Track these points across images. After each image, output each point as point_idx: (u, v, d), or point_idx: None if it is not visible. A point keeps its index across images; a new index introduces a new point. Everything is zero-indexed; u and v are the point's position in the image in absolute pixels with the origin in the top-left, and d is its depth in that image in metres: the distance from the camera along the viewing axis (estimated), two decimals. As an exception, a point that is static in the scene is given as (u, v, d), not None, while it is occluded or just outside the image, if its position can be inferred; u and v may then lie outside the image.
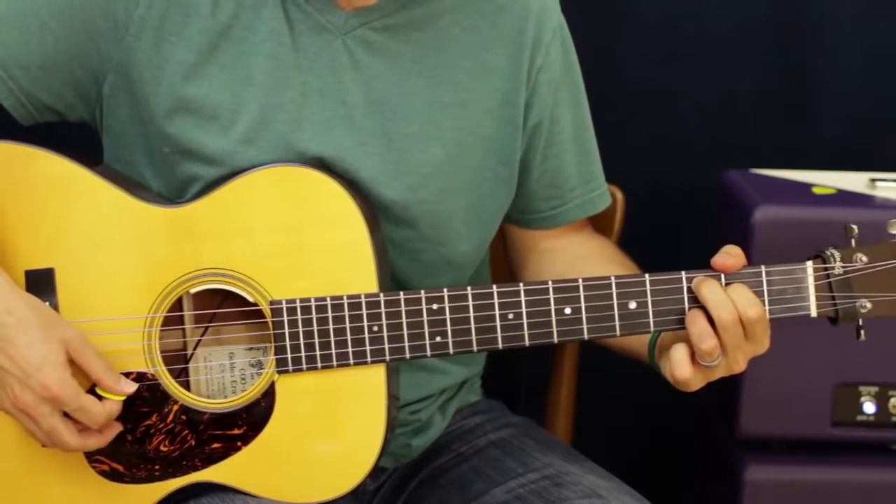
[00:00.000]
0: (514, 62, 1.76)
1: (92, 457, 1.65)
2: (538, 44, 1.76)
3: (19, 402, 1.56)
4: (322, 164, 1.68)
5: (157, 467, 1.66)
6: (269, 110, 1.68)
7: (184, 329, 1.68)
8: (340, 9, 1.69)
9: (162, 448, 1.65)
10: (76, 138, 1.73)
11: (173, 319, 1.66)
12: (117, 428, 1.63)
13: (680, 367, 1.60)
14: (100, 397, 1.60)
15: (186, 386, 1.67)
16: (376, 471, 1.76)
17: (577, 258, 1.83)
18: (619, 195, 2.06)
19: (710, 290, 1.60)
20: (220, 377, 1.69)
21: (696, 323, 1.60)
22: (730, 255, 1.62)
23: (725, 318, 1.58)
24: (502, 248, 1.92)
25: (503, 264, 1.93)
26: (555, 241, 1.86)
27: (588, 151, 1.85)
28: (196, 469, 1.65)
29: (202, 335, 1.68)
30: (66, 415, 1.58)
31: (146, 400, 1.64)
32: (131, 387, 1.61)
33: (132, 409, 1.65)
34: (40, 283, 1.63)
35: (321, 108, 1.69)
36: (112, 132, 1.73)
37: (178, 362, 1.68)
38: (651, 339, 1.68)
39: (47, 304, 1.61)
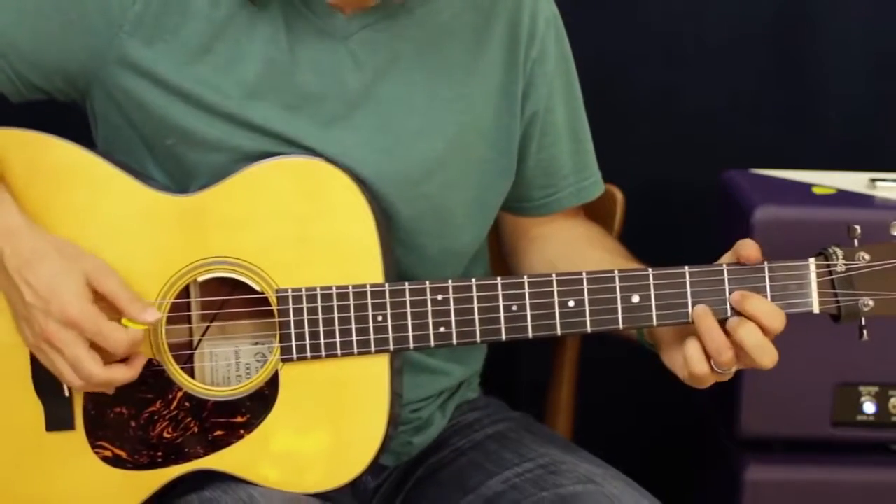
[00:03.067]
0: (510, 54, 1.77)
1: (95, 442, 1.66)
2: (533, 35, 1.78)
3: (44, 332, 1.59)
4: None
5: (159, 454, 1.66)
6: (265, 114, 1.68)
7: (190, 317, 1.68)
8: (340, 12, 1.69)
9: (165, 434, 1.65)
10: (78, 123, 1.74)
11: (180, 307, 1.66)
12: (142, 360, 1.63)
13: (698, 364, 1.61)
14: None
15: (191, 375, 1.67)
16: (377, 469, 1.77)
17: (567, 242, 1.85)
18: (619, 195, 2.06)
19: (747, 332, 1.60)
20: (224, 368, 1.69)
21: (713, 336, 1.61)
22: (750, 246, 1.63)
23: (751, 344, 1.60)
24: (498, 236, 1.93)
25: (500, 253, 1.93)
26: (546, 228, 1.87)
27: (582, 140, 1.86)
28: (198, 456, 1.66)
29: (210, 324, 1.68)
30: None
31: (150, 386, 1.65)
32: (155, 315, 1.62)
33: (136, 395, 1.65)
34: None
35: (322, 109, 1.70)
36: (107, 123, 1.73)
37: (184, 352, 1.68)
38: None
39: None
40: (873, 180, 2.21)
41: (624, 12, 2.49)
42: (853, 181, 2.23)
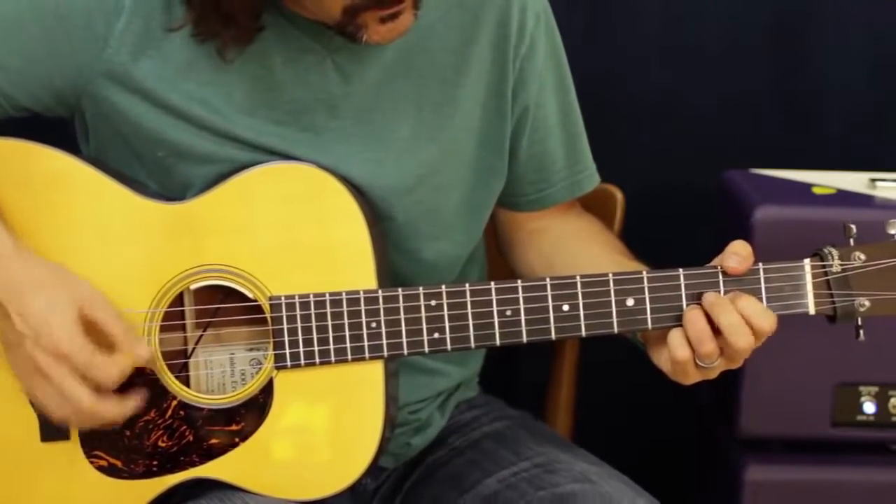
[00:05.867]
0: (498, 52, 1.76)
1: (90, 452, 1.66)
2: (522, 31, 1.77)
3: (35, 360, 1.58)
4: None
5: (155, 463, 1.66)
6: (255, 130, 1.68)
7: (184, 325, 1.68)
8: (325, 27, 1.68)
9: (160, 443, 1.66)
10: (64, 132, 1.75)
11: (174, 315, 1.67)
12: (134, 399, 1.62)
13: (680, 349, 1.60)
14: None
15: (186, 383, 1.68)
16: (376, 470, 1.77)
17: (562, 237, 1.84)
18: (619, 196, 2.06)
19: (725, 314, 1.59)
20: (220, 375, 1.69)
21: (696, 325, 1.60)
22: (738, 256, 1.62)
23: (741, 345, 1.59)
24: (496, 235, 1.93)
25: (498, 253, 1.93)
26: (541, 222, 1.87)
27: (575, 134, 1.85)
28: (194, 465, 1.66)
29: (203, 331, 1.68)
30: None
31: (145, 395, 1.65)
32: (147, 350, 1.61)
33: (131, 404, 1.66)
34: None
35: (312, 123, 1.70)
36: (97, 134, 1.73)
37: (178, 360, 1.68)
38: None
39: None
40: (873, 180, 2.21)
41: (624, 12, 2.49)
42: (853, 181, 2.22)
